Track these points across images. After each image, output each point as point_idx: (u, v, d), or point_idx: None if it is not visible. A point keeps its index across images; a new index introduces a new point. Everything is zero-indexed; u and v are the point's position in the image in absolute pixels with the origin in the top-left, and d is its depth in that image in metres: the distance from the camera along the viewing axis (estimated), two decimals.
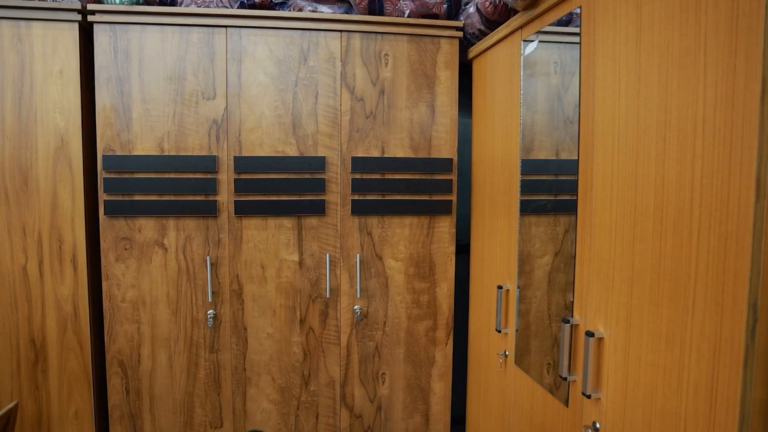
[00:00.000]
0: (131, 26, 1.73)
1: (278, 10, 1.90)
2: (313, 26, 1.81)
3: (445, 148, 1.94)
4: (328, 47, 1.84)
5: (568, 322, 1.20)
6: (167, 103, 1.77)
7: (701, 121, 0.82)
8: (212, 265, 1.83)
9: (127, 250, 1.79)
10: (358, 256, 1.91)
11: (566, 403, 1.26)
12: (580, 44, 1.20)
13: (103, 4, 1.72)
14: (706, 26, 0.81)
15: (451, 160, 1.94)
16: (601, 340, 1.11)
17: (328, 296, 1.91)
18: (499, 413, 1.73)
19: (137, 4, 1.76)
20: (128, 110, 1.75)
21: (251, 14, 1.76)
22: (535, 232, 1.48)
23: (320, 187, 1.86)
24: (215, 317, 1.85)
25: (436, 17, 1.88)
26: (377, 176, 1.90)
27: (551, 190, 1.39)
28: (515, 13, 1.68)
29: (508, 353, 1.64)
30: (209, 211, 1.80)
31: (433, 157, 1.93)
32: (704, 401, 0.82)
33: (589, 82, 1.16)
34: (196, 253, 1.82)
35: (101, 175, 1.75)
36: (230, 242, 1.83)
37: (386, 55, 1.87)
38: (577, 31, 1.22)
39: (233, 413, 1.90)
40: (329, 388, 1.95)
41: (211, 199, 1.81)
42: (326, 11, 1.89)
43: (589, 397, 1.11)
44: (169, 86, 1.77)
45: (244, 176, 1.82)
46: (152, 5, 1.78)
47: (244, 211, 1.82)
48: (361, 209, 1.89)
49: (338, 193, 1.88)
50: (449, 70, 1.92)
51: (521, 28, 1.52)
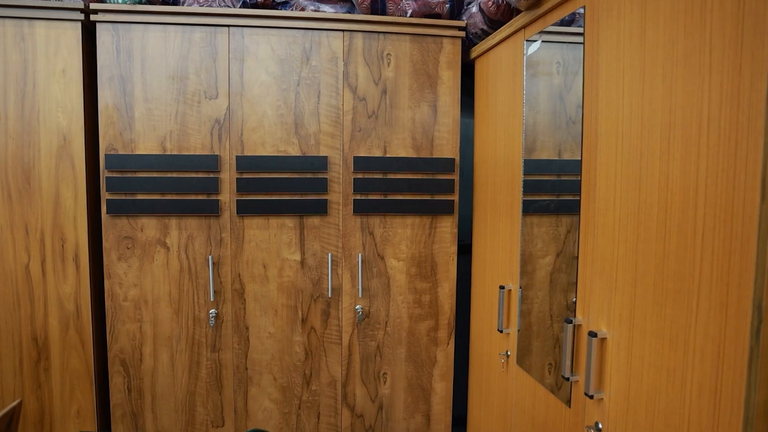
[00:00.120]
0: (134, 25, 1.74)
1: (281, 9, 1.90)
2: (315, 26, 1.81)
3: (447, 148, 1.94)
4: (330, 47, 1.83)
5: (570, 322, 1.20)
6: (170, 102, 1.77)
7: (706, 120, 0.82)
8: (214, 264, 1.83)
9: (129, 249, 1.79)
10: (360, 255, 1.91)
11: (568, 403, 1.26)
12: (583, 44, 1.19)
13: (105, 3, 1.72)
14: (711, 25, 0.81)
15: (453, 160, 1.94)
16: (604, 340, 1.10)
17: (329, 296, 1.91)
18: (500, 413, 1.73)
19: (140, 3, 1.76)
20: (131, 109, 1.75)
21: (254, 14, 1.76)
22: (537, 232, 1.48)
23: (322, 186, 1.86)
24: (217, 316, 1.85)
25: (438, 17, 1.88)
26: (379, 176, 1.90)
27: (554, 190, 1.39)
28: (518, 12, 1.68)
29: (510, 353, 1.64)
30: (211, 210, 1.80)
31: (435, 157, 1.93)
32: (708, 402, 0.81)
33: (592, 81, 1.16)
34: (198, 252, 1.82)
35: (104, 174, 1.75)
36: (232, 241, 1.83)
37: (388, 54, 1.87)
38: (580, 30, 1.22)
39: (235, 412, 1.90)
40: (331, 387, 1.95)
41: (213, 198, 1.81)
42: (329, 11, 1.89)
43: (591, 397, 1.11)
44: (171, 85, 1.77)
45: (246, 176, 1.82)
46: (155, 5, 1.78)
47: (246, 210, 1.82)
48: (363, 209, 1.89)
49: (340, 192, 1.88)
50: (451, 69, 1.92)
51: (524, 27, 1.52)
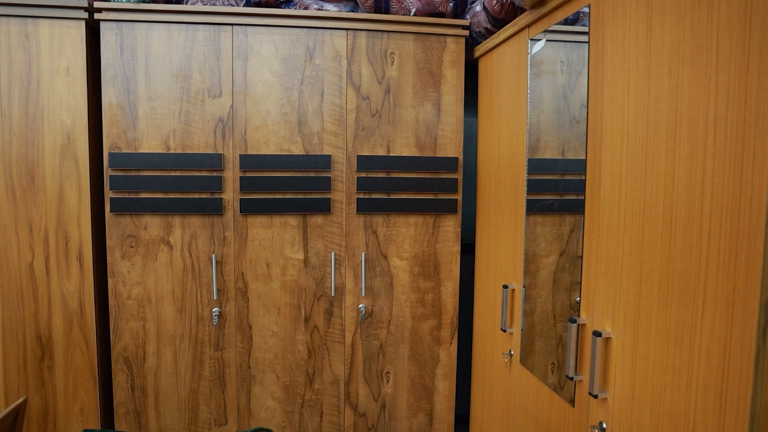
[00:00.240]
0: (137, 24, 1.74)
1: (284, 8, 1.90)
2: (319, 24, 1.81)
3: (450, 147, 1.94)
4: (334, 45, 1.83)
5: (574, 321, 1.20)
6: (173, 100, 1.77)
7: (713, 119, 0.81)
8: (217, 263, 1.83)
9: (132, 247, 1.79)
10: (363, 254, 1.91)
11: (572, 403, 1.26)
12: (588, 43, 1.19)
13: (109, 2, 1.72)
14: (718, 24, 0.80)
15: (456, 159, 1.94)
16: (608, 339, 1.10)
17: (332, 295, 1.91)
18: (503, 413, 1.73)
19: (143, 2, 1.76)
20: (134, 108, 1.75)
21: (257, 12, 1.76)
22: (540, 231, 1.48)
23: (325, 185, 1.86)
24: (220, 315, 1.85)
25: (442, 16, 1.88)
26: (382, 175, 1.90)
27: (557, 189, 1.38)
28: (522, 11, 1.67)
29: (513, 353, 1.64)
30: (215, 209, 1.80)
31: (438, 156, 1.93)
32: (714, 402, 0.81)
33: (597, 80, 1.15)
34: (201, 250, 1.82)
35: (107, 172, 1.75)
36: (235, 240, 1.83)
37: (392, 53, 1.87)
38: (584, 29, 1.21)
39: (238, 411, 1.90)
40: (333, 386, 1.95)
41: (216, 197, 1.81)
42: (332, 9, 1.89)
43: (596, 397, 1.11)
44: (175, 84, 1.77)
45: (249, 174, 1.82)
46: (159, 3, 1.78)
47: (249, 209, 1.82)
48: (366, 208, 1.89)
49: (343, 191, 1.88)
50: (455, 68, 1.92)
51: (528, 26, 1.51)
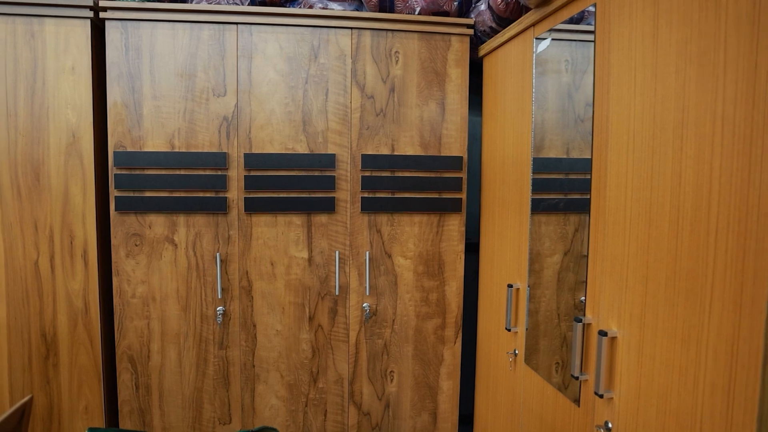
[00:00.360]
0: (142, 23, 1.74)
1: (289, 7, 1.90)
2: (323, 23, 1.81)
3: (455, 146, 1.94)
4: (338, 44, 1.83)
5: (580, 321, 1.20)
6: (178, 99, 1.77)
7: (720, 118, 0.81)
8: (222, 261, 1.83)
9: (137, 246, 1.79)
10: (367, 253, 1.91)
11: (577, 402, 1.26)
12: (594, 42, 1.19)
13: (115, 1, 1.72)
14: (726, 23, 0.80)
15: (461, 158, 1.94)
16: (614, 339, 1.10)
17: (337, 293, 1.91)
18: (507, 412, 1.73)
19: (148, 0, 1.76)
20: (139, 107, 1.76)
21: (262, 11, 1.76)
22: (544, 230, 1.47)
23: (330, 184, 1.86)
24: (224, 314, 1.85)
25: (446, 14, 1.87)
26: (387, 174, 1.90)
27: (562, 188, 1.38)
28: (527, 10, 1.67)
29: (517, 352, 1.64)
30: (219, 207, 1.81)
31: (443, 155, 1.93)
32: (721, 401, 0.81)
33: (603, 79, 1.15)
34: (205, 249, 1.82)
35: (112, 171, 1.76)
36: (240, 239, 1.84)
37: (397, 52, 1.87)
38: (589, 28, 1.21)
39: (242, 409, 1.90)
40: (337, 385, 1.95)
41: (221, 195, 1.81)
42: (337, 8, 1.89)
43: (601, 396, 1.11)
44: (179, 83, 1.77)
45: (254, 173, 1.82)
46: (164, 2, 1.79)
47: (253, 208, 1.83)
48: (370, 207, 1.89)
49: (348, 190, 1.88)
50: (460, 67, 1.91)
51: (534, 25, 1.51)
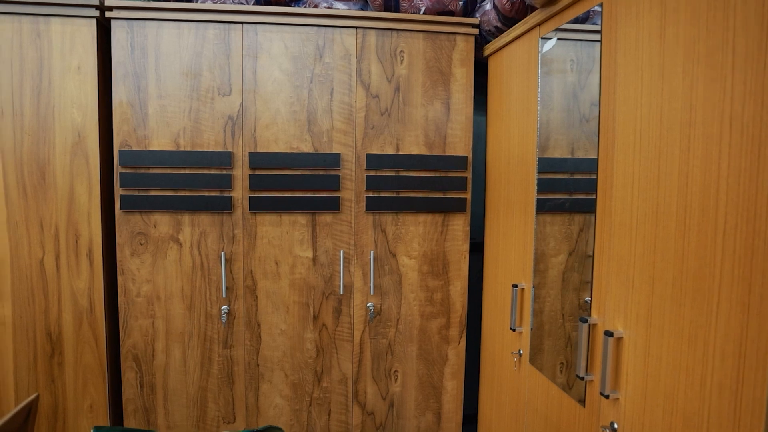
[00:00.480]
0: (148, 22, 1.74)
1: (294, 6, 1.90)
2: (328, 23, 1.81)
3: (459, 145, 1.94)
4: (343, 44, 1.83)
5: (585, 321, 1.20)
6: (183, 99, 1.78)
7: (728, 118, 0.81)
8: (226, 260, 1.84)
9: (142, 245, 1.80)
10: (371, 253, 1.91)
11: (582, 402, 1.25)
12: (600, 41, 1.18)
13: (121, 0, 1.73)
14: (734, 22, 0.80)
15: (465, 157, 1.93)
16: (620, 339, 1.10)
17: (341, 293, 1.91)
18: (512, 412, 1.73)
19: (154, 0, 1.77)
20: (144, 106, 1.76)
21: (267, 11, 1.77)
22: (549, 230, 1.47)
23: (335, 183, 1.86)
24: (229, 313, 1.86)
25: (451, 14, 1.87)
26: (392, 173, 1.90)
27: (567, 188, 1.38)
28: (533, 10, 1.67)
29: (522, 352, 1.64)
30: (224, 207, 1.81)
31: (447, 154, 1.93)
32: (728, 402, 0.81)
33: (609, 79, 1.15)
34: (210, 248, 1.83)
35: (117, 170, 1.76)
36: (244, 238, 1.84)
37: (402, 52, 1.87)
38: (595, 28, 1.21)
39: (246, 408, 1.91)
40: (342, 384, 1.95)
41: (226, 195, 1.81)
42: (342, 8, 1.89)
43: (607, 397, 1.10)
44: (185, 82, 1.77)
45: (258, 172, 1.83)
46: (169, 2, 1.79)
47: (258, 207, 1.83)
48: (375, 206, 1.89)
49: (353, 190, 1.88)
50: (465, 67, 1.91)
51: (539, 25, 1.51)
